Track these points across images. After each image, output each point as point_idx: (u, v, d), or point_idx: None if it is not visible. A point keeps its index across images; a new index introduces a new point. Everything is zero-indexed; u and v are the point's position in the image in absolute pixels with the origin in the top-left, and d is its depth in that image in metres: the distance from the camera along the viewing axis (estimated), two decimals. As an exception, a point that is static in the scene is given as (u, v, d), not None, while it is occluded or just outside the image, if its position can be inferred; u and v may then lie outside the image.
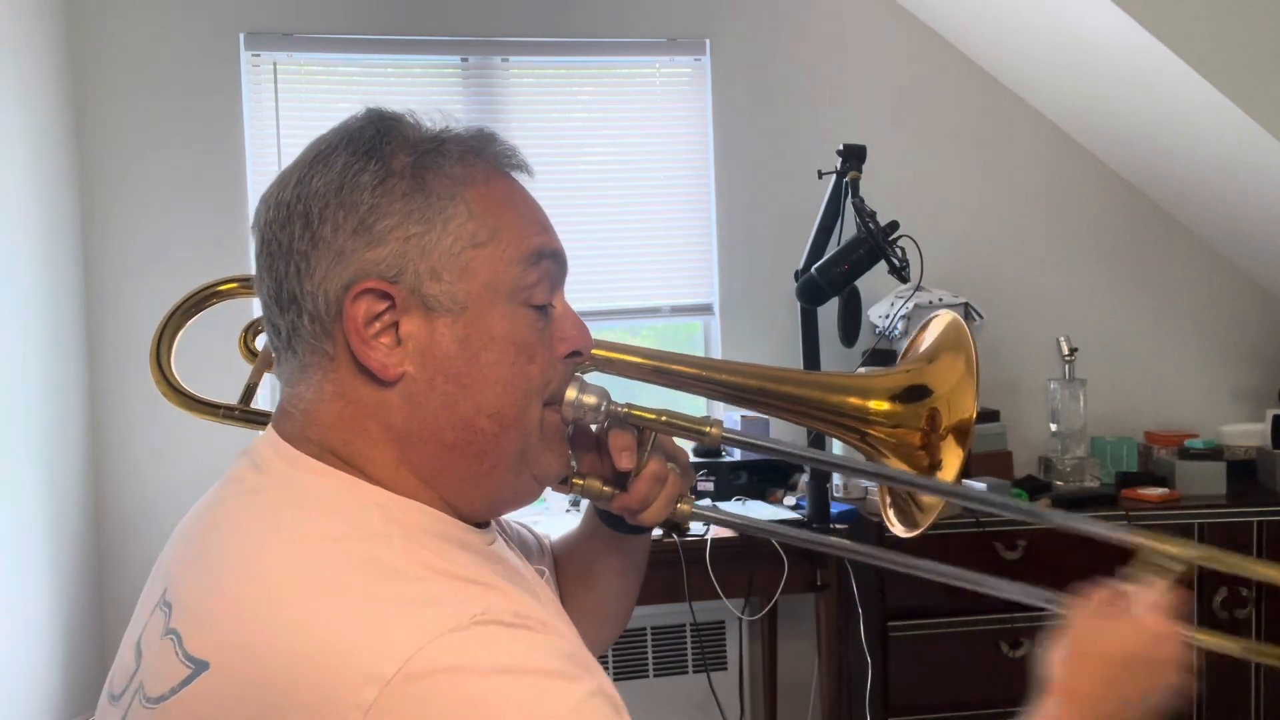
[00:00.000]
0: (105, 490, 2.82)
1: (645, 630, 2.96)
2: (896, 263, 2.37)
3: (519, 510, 0.87)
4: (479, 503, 0.80)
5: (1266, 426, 2.97)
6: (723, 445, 0.90)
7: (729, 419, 2.77)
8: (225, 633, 0.67)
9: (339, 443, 0.76)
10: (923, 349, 1.05)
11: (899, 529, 1.03)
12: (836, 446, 1.96)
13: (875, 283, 2.68)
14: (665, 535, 2.37)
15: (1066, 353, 2.87)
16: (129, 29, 2.82)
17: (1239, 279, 3.30)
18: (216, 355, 1.55)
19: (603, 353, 0.96)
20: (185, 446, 2.74)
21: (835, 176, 2.48)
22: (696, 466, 2.72)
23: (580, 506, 0.97)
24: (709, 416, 0.93)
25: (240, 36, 2.88)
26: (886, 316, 2.84)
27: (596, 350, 0.95)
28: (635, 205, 3.10)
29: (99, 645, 2.77)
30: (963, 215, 3.18)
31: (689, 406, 2.74)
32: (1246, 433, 3.04)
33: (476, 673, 0.64)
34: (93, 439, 2.81)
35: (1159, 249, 3.27)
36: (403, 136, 0.78)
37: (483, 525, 0.82)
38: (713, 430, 0.91)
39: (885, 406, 1.01)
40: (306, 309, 0.75)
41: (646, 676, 2.97)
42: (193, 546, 0.77)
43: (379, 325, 0.75)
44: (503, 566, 0.79)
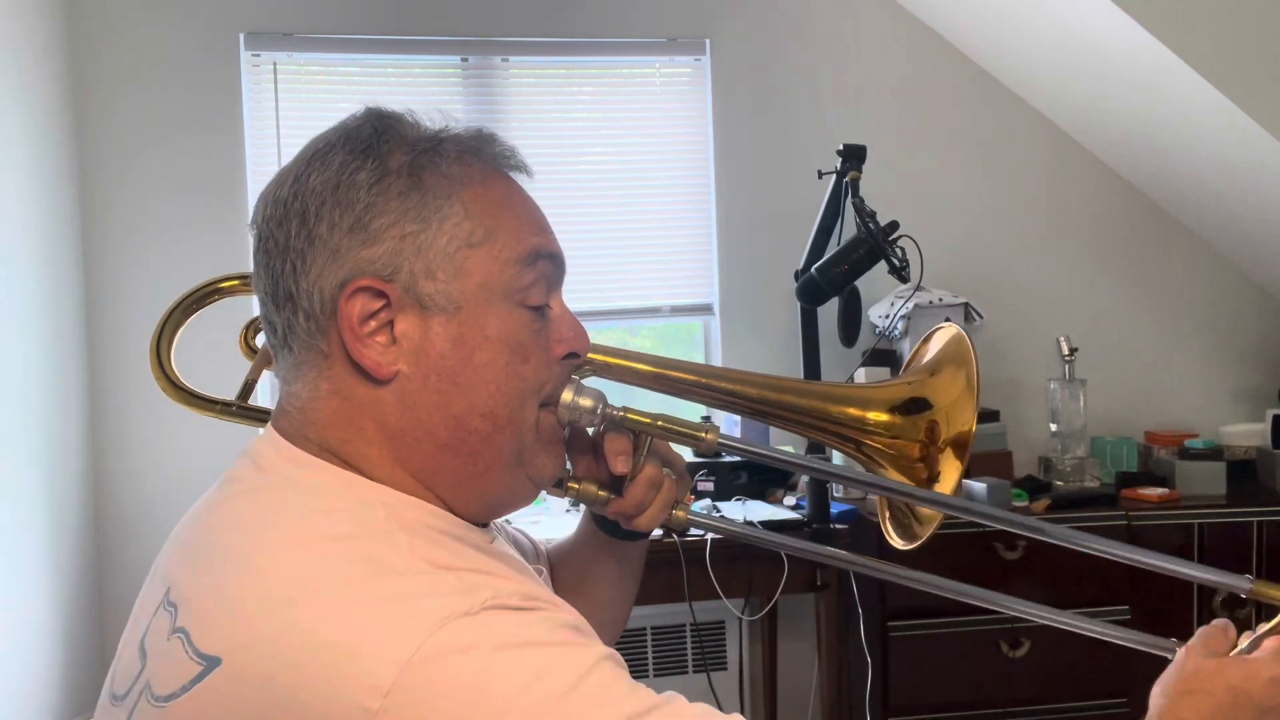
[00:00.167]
0: (105, 490, 2.82)
1: (645, 630, 2.96)
2: (896, 263, 2.36)
3: (516, 512, 0.87)
4: (474, 503, 0.80)
5: (1266, 426, 2.97)
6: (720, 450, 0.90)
7: (728, 422, 2.77)
8: (235, 629, 0.68)
9: (336, 441, 0.77)
10: (924, 361, 1.05)
11: (898, 542, 1.03)
12: (836, 455, 1.96)
13: (875, 283, 2.69)
14: (665, 535, 2.37)
15: (1066, 353, 2.86)
16: (129, 29, 2.82)
17: (1239, 279, 3.30)
18: (217, 353, 1.55)
19: (601, 358, 0.96)
20: (185, 447, 2.75)
21: (835, 176, 2.48)
22: (696, 466, 2.71)
23: (580, 507, 0.96)
24: (705, 421, 0.92)
25: (240, 36, 2.88)
26: (886, 316, 2.84)
27: (595, 355, 0.94)
28: (635, 205, 3.09)
29: (99, 645, 2.77)
30: (962, 215, 3.18)
31: (688, 410, 2.73)
32: (1246, 433, 3.04)
33: (489, 648, 0.65)
34: (93, 439, 2.81)
35: (1159, 249, 3.27)
36: (400, 136, 0.78)
37: (481, 527, 0.82)
38: (709, 436, 0.90)
39: (885, 418, 1.01)
40: (302, 306, 0.75)
41: (646, 676, 2.96)
42: (195, 547, 0.77)
43: (374, 324, 0.75)
44: (506, 560, 0.79)
